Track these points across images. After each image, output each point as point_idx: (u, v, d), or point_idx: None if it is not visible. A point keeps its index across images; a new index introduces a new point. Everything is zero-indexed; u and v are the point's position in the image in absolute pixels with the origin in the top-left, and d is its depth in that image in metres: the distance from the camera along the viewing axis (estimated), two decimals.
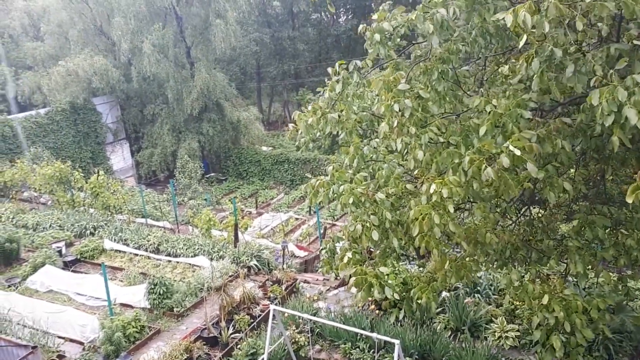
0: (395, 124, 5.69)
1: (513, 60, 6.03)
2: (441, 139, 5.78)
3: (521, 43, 4.84)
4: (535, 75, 5.00)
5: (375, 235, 5.95)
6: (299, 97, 43.47)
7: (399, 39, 6.51)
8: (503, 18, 4.90)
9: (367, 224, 6.07)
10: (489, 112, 5.25)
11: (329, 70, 6.99)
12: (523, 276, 6.53)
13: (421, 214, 5.23)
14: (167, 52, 32.32)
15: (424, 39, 6.31)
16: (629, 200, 4.51)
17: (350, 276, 6.10)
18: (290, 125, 7.57)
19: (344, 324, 10.58)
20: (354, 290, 6.10)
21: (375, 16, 6.40)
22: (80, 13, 32.66)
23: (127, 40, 31.11)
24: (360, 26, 6.60)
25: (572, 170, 6.72)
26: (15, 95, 32.72)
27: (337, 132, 6.96)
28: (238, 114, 35.48)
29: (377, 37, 6.18)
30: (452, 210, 5.07)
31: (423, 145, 5.61)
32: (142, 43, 30.81)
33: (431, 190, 5.12)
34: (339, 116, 6.82)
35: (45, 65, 33.47)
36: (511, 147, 4.71)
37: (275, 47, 44.45)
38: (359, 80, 6.80)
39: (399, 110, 5.64)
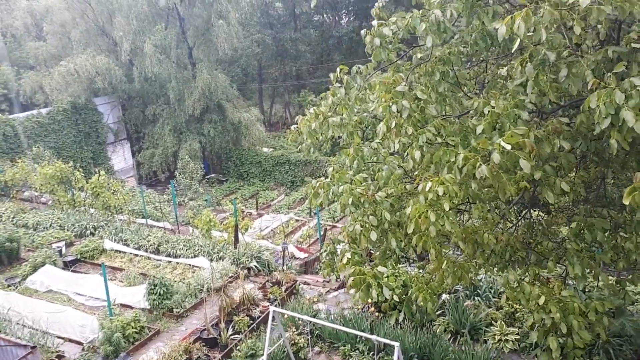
0: (393, 124, 5.71)
1: (512, 62, 6.05)
2: (439, 140, 5.78)
3: (514, 47, 4.87)
4: (531, 78, 5.02)
5: (374, 236, 5.96)
6: (300, 98, 43.50)
7: (399, 43, 6.53)
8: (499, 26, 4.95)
9: (366, 225, 6.08)
10: (487, 113, 5.27)
11: (331, 75, 7.01)
12: (523, 279, 6.52)
13: (418, 212, 5.23)
14: (169, 52, 32.37)
15: (424, 41, 6.34)
16: (626, 202, 4.51)
17: (349, 277, 6.10)
18: (293, 127, 7.58)
19: (343, 326, 10.58)
20: (352, 291, 6.10)
21: (375, 22, 6.42)
22: (83, 13, 32.74)
23: (129, 40, 31.17)
24: (362, 31, 6.62)
25: (573, 174, 6.72)
26: (17, 95, 32.77)
27: (339, 135, 6.98)
28: (239, 115, 35.50)
29: (377, 41, 6.21)
30: (447, 209, 5.06)
31: (423, 147, 5.61)
32: (144, 43, 30.87)
33: (427, 189, 5.13)
34: (341, 119, 6.83)
35: (47, 65, 33.54)
36: (502, 143, 4.72)
37: (277, 48, 44.48)
38: (361, 84, 6.82)
39: (397, 111, 5.65)
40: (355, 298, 6.03)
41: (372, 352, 10.33)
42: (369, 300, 11.25)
